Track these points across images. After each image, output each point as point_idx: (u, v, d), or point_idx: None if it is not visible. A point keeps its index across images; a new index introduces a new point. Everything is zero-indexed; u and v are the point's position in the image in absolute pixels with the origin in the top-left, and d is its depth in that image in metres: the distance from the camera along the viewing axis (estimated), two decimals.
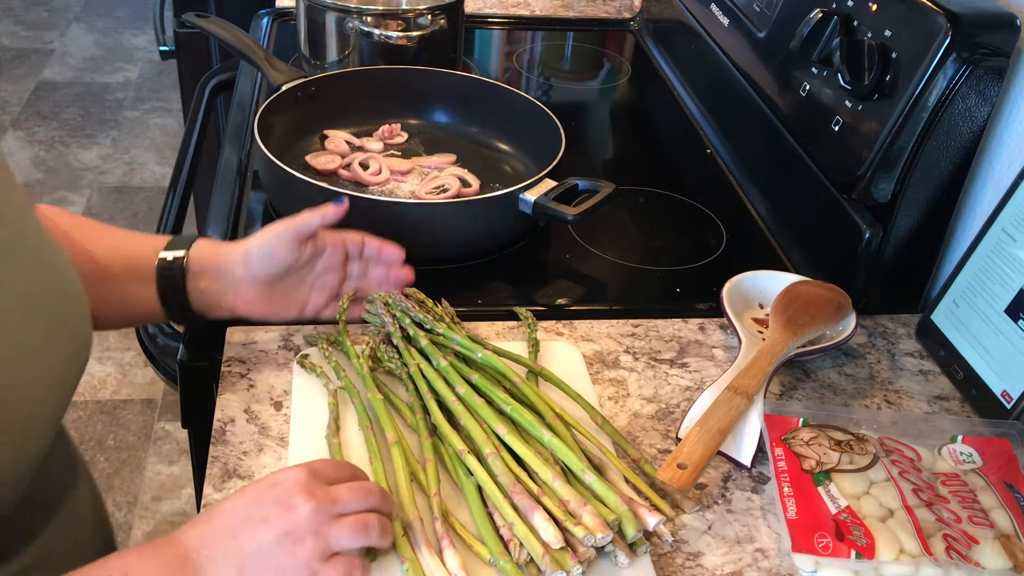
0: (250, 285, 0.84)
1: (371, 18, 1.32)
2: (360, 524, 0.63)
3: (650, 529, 0.70)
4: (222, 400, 0.84)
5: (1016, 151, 0.94)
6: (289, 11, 1.61)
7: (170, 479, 2.13)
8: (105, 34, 4.15)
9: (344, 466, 0.69)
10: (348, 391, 0.82)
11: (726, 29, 1.32)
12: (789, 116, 1.12)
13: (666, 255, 1.12)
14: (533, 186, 1.02)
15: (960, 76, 0.89)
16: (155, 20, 2.15)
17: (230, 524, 0.62)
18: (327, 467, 0.67)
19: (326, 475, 0.66)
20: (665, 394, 0.90)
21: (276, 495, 0.62)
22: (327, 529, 0.62)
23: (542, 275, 1.07)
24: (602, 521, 0.68)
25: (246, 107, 1.34)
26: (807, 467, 0.78)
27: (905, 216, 0.97)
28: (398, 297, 0.88)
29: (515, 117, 1.21)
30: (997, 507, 0.76)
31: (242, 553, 0.60)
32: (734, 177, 1.28)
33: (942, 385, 0.95)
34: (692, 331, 0.98)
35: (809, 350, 0.92)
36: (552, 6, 1.79)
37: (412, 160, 1.18)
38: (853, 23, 0.99)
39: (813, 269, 1.06)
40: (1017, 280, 0.88)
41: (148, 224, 2.93)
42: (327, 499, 0.63)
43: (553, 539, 0.67)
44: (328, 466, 0.67)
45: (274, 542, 0.60)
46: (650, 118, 1.52)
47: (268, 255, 0.83)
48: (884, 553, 0.71)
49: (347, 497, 0.64)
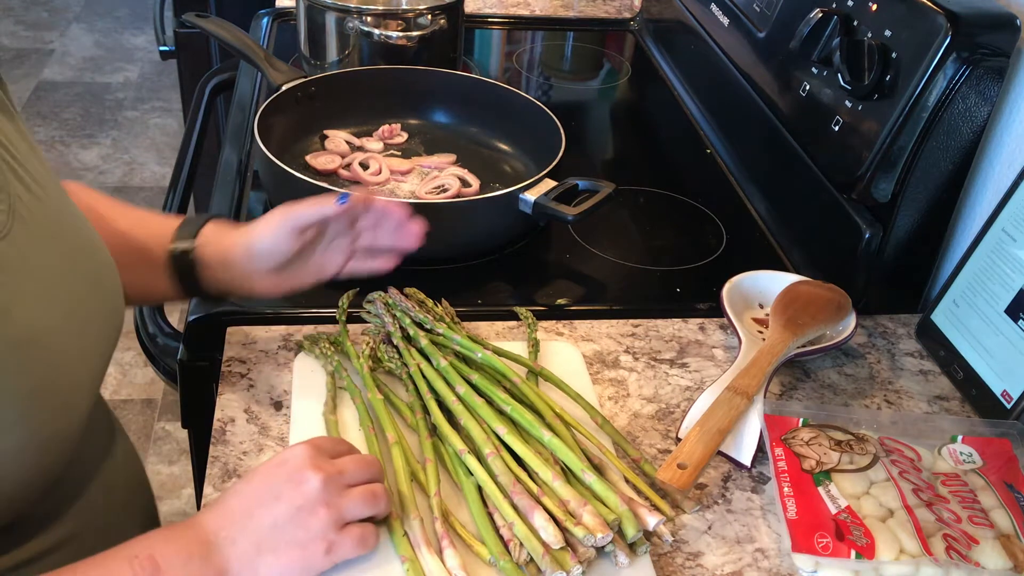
0: (261, 275, 0.84)
1: (371, 18, 1.32)
2: (369, 494, 0.66)
3: (650, 529, 0.70)
4: (222, 400, 0.84)
5: (1016, 151, 0.94)
6: (289, 11, 1.61)
7: (170, 479, 2.13)
8: (105, 34, 4.15)
9: (341, 441, 0.72)
10: (349, 391, 0.82)
11: (726, 29, 1.32)
12: (789, 116, 1.12)
13: (666, 255, 1.12)
14: (533, 186, 1.02)
15: (960, 76, 0.89)
16: (155, 20, 2.16)
17: (245, 504, 0.64)
18: (327, 442, 0.69)
19: (328, 449, 0.68)
20: (665, 394, 0.90)
21: (286, 472, 0.64)
22: (338, 500, 0.64)
23: (542, 275, 1.07)
24: (602, 521, 0.68)
25: (246, 107, 1.33)
26: (807, 467, 0.78)
27: (905, 216, 0.97)
28: (398, 297, 0.87)
29: (515, 117, 1.21)
30: (997, 507, 0.76)
31: (259, 531, 0.62)
32: (734, 177, 1.28)
33: (942, 385, 0.95)
34: (692, 331, 0.98)
35: (809, 350, 0.92)
36: (552, 6, 1.79)
37: (412, 160, 1.18)
38: (853, 23, 0.99)
39: (813, 269, 1.06)
40: (1017, 280, 0.88)
41: None
42: (335, 471, 0.65)
43: (553, 539, 0.67)
44: (328, 441, 0.70)
45: (288, 517, 0.62)
46: (650, 118, 1.52)
47: (270, 250, 0.82)
48: (884, 553, 0.71)
49: (352, 468, 0.67)
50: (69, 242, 0.67)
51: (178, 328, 0.98)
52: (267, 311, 0.94)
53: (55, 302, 0.64)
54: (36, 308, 0.62)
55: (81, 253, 0.68)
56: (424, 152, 1.22)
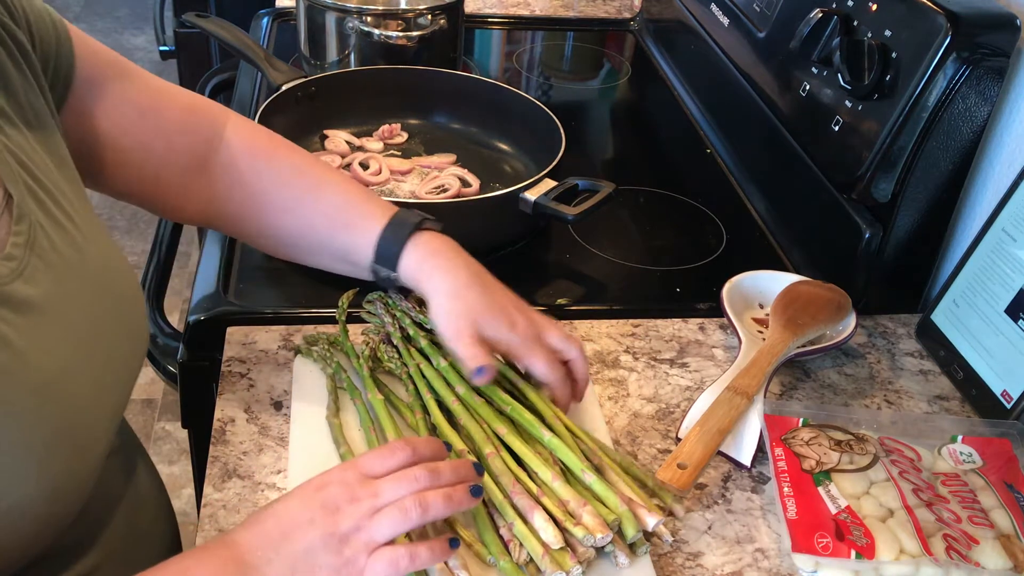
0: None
1: (371, 18, 1.32)
2: (397, 511, 0.63)
3: (649, 529, 0.70)
4: (222, 400, 0.84)
5: (1016, 151, 0.94)
6: (289, 11, 1.61)
7: (170, 479, 2.13)
8: (105, 34, 4.15)
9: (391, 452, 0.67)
10: (348, 391, 0.82)
11: (726, 29, 1.32)
12: (789, 116, 1.12)
13: (666, 255, 1.12)
14: (533, 186, 1.02)
15: (960, 76, 0.89)
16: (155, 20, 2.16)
17: (281, 526, 0.63)
18: (374, 460, 0.66)
19: (373, 470, 0.66)
20: (665, 394, 0.90)
21: (322, 498, 0.63)
22: (367, 523, 0.63)
23: (542, 275, 1.07)
24: (602, 521, 0.68)
25: (246, 107, 1.33)
26: (807, 467, 0.78)
27: (905, 216, 0.97)
28: (398, 297, 0.88)
29: (515, 117, 1.21)
30: (997, 507, 0.76)
31: (294, 554, 0.61)
32: (734, 177, 1.28)
33: (942, 385, 0.95)
34: (692, 331, 0.98)
35: (809, 350, 0.92)
36: (552, 6, 1.79)
37: (412, 160, 1.18)
38: (853, 23, 0.99)
39: (813, 269, 1.06)
40: (1017, 280, 0.88)
41: (148, 223, 2.93)
42: (368, 496, 0.64)
43: (553, 539, 0.67)
44: (376, 458, 0.67)
45: (320, 543, 0.62)
46: (650, 118, 1.52)
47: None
48: (884, 553, 0.71)
49: (388, 490, 0.64)
50: (93, 274, 0.66)
51: (178, 328, 0.98)
52: (267, 311, 0.94)
53: (76, 342, 0.62)
54: (56, 349, 0.60)
55: (106, 286, 0.67)
56: (424, 152, 1.22)
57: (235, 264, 1.01)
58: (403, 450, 0.67)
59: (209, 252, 1.01)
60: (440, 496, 0.64)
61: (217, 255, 1.01)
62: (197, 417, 0.95)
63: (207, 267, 0.99)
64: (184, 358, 0.92)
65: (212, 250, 1.01)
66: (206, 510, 0.73)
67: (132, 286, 0.71)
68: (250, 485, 0.76)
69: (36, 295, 0.59)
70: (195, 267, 1.03)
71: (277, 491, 0.75)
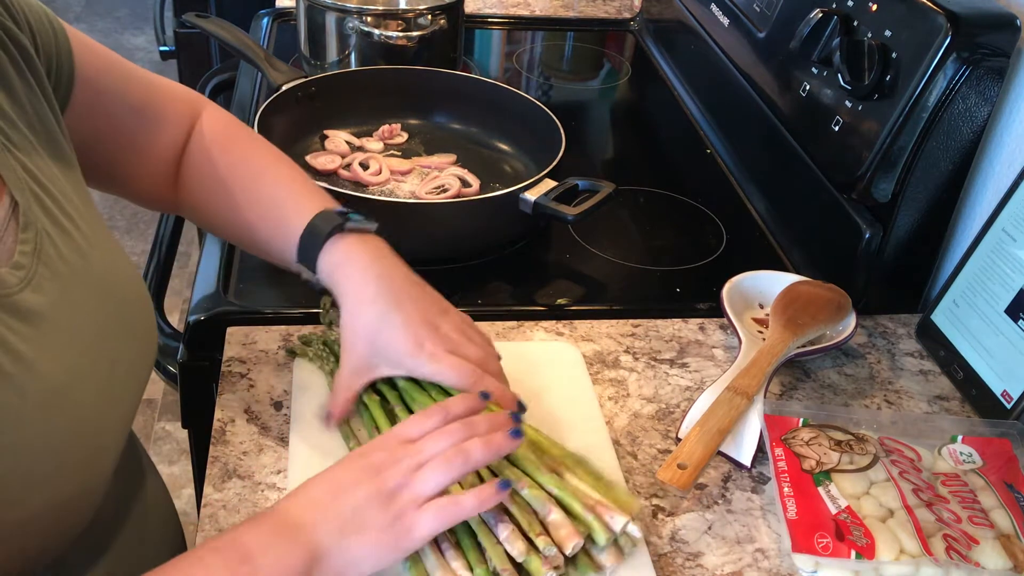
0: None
1: (371, 18, 1.32)
2: (441, 462, 0.64)
3: (616, 532, 0.68)
4: (222, 400, 0.84)
5: (1016, 151, 0.94)
6: (289, 11, 1.61)
7: (170, 479, 2.13)
8: (105, 34, 4.15)
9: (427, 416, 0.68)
10: None
11: (726, 29, 1.32)
12: (789, 116, 1.12)
13: (666, 255, 1.12)
14: (533, 186, 1.02)
15: (960, 76, 0.89)
16: (155, 20, 2.16)
17: (328, 491, 0.64)
18: (411, 426, 0.68)
19: (411, 435, 0.67)
20: (665, 394, 0.90)
21: (366, 463, 0.65)
22: (412, 479, 0.63)
23: (542, 275, 1.07)
24: (571, 531, 0.66)
25: (246, 107, 1.34)
26: (807, 467, 0.78)
27: (905, 216, 0.97)
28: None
29: (515, 117, 1.21)
30: (997, 507, 0.76)
31: (343, 514, 0.62)
32: (734, 177, 1.28)
33: (942, 385, 0.95)
34: (692, 331, 0.98)
35: (809, 350, 0.92)
36: (552, 6, 1.79)
37: (412, 160, 1.18)
38: (853, 23, 0.99)
39: (813, 269, 1.06)
40: (1017, 280, 0.88)
41: (148, 223, 2.93)
42: (411, 455, 0.65)
43: (518, 553, 0.65)
44: (412, 424, 0.68)
45: (368, 502, 0.62)
46: (650, 118, 1.52)
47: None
48: (884, 553, 0.71)
49: (429, 446, 0.65)
50: (98, 281, 0.65)
51: (178, 328, 0.98)
52: (267, 311, 0.94)
53: (81, 349, 0.62)
54: (62, 358, 0.60)
55: (110, 292, 0.66)
56: (424, 152, 1.22)
57: (235, 264, 1.01)
58: (438, 413, 0.68)
59: (209, 252, 1.01)
60: (480, 443, 0.65)
61: (217, 255, 1.01)
62: (197, 417, 0.95)
63: (207, 267, 0.99)
64: (184, 358, 0.92)
65: (212, 250, 1.01)
66: (206, 510, 0.73)
67: (138, 291, 0.71)
68: (250, 485, 0.76)
69: (43, 304, 0.59)
70: (195, 267, 1.03)
71: (277, 491, 0.75)
